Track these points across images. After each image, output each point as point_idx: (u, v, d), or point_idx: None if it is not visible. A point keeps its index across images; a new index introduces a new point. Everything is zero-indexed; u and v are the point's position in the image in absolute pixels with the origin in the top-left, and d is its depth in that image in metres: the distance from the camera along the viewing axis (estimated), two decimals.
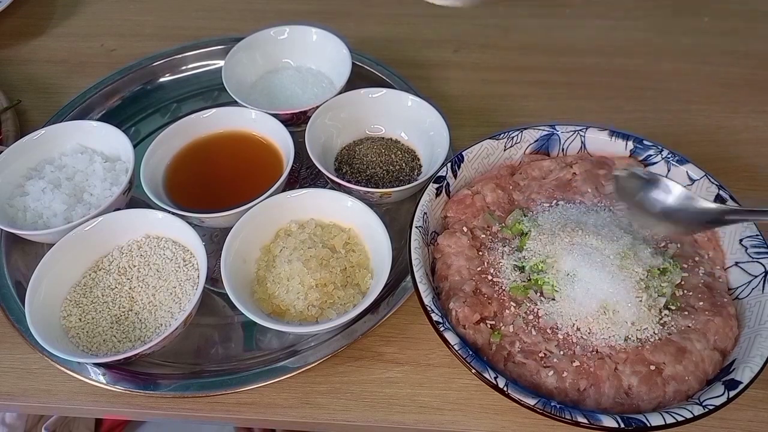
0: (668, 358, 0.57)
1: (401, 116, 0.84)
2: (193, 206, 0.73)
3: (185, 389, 0.65)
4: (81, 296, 0.70)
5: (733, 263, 0.65)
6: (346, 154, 0.83)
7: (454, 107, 0.89)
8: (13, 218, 0.76)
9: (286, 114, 0.82)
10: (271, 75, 0.93)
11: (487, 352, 0.59)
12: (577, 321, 0.59)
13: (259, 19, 1.03)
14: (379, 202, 0.76)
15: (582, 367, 0.57)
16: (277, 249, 0.71)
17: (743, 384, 0.54)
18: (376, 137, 0.85)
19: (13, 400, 0.68)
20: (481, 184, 0.71)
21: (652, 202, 0.62)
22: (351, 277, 0.70)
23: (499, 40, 1.05)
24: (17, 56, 1.06)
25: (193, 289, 0.70)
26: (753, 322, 0.59)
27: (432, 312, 0.59)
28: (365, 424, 0.65)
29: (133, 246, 0.73)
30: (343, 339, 0.67)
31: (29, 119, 0.94)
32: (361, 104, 0.84)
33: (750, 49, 1.01)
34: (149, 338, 0.66)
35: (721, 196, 0.66)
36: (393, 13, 1.11)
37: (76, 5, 1.16)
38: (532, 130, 0.73)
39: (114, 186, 0.77)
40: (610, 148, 0.73)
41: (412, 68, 0.97)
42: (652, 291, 0.60)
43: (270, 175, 0.76)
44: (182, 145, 0.83)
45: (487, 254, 0.65)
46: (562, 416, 0.52)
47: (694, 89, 0.95)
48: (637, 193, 0.63)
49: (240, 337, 0.71)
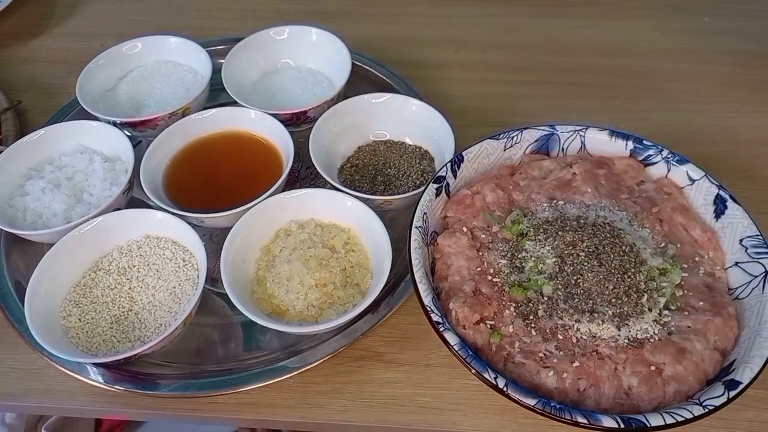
0: (668, 358, 0.57)
1: (405, 120, 0.84)
2: (193, 206, 0.73)
3: (185, 389, 0.65)
4: (81, 296, 0.70)
5: (733, 263, 0.65)
6: (355, 159, 0.83)
7: (455, 107, 0.89)
8: (13, 218, 0.76)
9: (286, 114, 0.82)
10: (271, 75, 0.93)
11: (486, 353, 0.59)
12: (577, 321, 0.59)
13: (259, 19, 1.03)
14: (380, 209, 0.76)
15: (582, 367, 0.57)
16: (277, 249, 0.71)
17: (743, 384, 0.54)
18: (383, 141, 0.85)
19: (13, 400, 0.68)
20: (481, 184, 0.71)
21: None
22: (351, 277, 0.70)
23: (499, 40, 1.05)
24: (17, 56, 1.06)
25: (192, 289, 0.70)
26: (753, 323, 0.59)
27: (432, 312, 0.59)
28: (365, 424, 0.65)
29: (133, 246, 0.73)
30: (343, 339, 0.67)
31: (29, 119, 0.95)
32: (365, 109, 0.84)
33: (750, 49, 1.01)
34: (149, 338, 0.66)
35: (721, 196, 0.66)
36: (393, 13, 1.11)
37: (76, 5, 1.16)
38: (532, 130, 0.73)
39: (114, 186, 0.77)
40: (610, 148, 0.73)
41: (412, 68, 0.97)
42: (652, 291, 0.59)
43: (270, 175, 0.76)
44: (182, 145, 0.83)
45: (486, 254, 0.65)
46: (562, 416, 0.52)
47: (694, 89, 0.95)
48: None
49: (240, 337, 0.71)
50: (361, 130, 0.84)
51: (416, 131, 0.84)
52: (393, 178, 0.79)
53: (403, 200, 0.74)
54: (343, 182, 0.79)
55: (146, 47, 0.94)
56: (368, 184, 0.79)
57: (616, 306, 0.58)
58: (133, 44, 0.93)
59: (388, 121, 0.84)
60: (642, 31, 1.05)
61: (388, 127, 0.85)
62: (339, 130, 0.83)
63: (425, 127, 0.82)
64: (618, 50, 1.02)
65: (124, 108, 0.88)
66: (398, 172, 0.80)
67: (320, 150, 0.79)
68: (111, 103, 0.89)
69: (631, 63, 1.00)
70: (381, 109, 0.84)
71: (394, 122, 0.84)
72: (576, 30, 1.06)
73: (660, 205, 0.68)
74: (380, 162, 0.81)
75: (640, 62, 1.00)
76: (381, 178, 0.80)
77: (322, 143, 0.80)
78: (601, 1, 1.12)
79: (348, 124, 0.83)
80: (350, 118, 0.83)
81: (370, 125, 0.85)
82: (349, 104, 0.83)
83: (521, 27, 1.07)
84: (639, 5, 1.10)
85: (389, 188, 0.79)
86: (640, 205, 0.68)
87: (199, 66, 0.92)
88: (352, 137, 0.84)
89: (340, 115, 0.83)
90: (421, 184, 0.78)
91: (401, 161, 0.81)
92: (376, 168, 0.81)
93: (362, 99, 0.84)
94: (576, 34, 1.05)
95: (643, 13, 1.09)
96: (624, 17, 1.08)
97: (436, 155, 0.82)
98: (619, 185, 0.70)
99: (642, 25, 1.07)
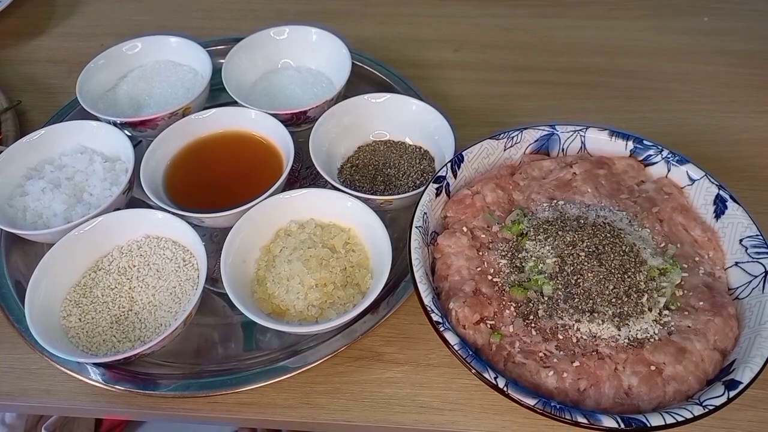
0: (668, 358, 0.57)
1: (405, 120, 0.84)
2: (193, 206, 0.73)
3: (185, 389, 0.65)
4: (81, 296, 0.70)
5: (733, 263, 0.65)
6: (355, 159, 0.83)
7: (455, 107, 0.89)
8: (13, 218, 0.75)
9: (286, 114, 0.82)
10: (271, 75, 0.93)
11: (487, 352, 0.59)
12: (577, 321, 0.59)
13: (259, 19, 1.03)
14: (380, 209, 0.76)
15: (582, 367, 0.57)
16: (277, 249, 0.71)
17: (743, 384, 0.54)
18: (383, 141, 0.84)
19: (13, 400, 0.68)
20: (481, 184, 0.71)
21: None
22: (351, 277, 0.70)
23: (499, 40, 1.05)
24: (17, 56, 1.06)
25: (193, 289, 0.70)
26: (753, 322, 0.59)
27: (432, 312, 0.59)
28: (365, 424, 0.65)
29: (133, 246, 0.73)
30: (343, 339, 0.67)
31: (29, 119, 0.95)
32: (365, 109, 0.84)
33: (750, 49, 1.01)
34: (149, 338, 0.66)
35: (721, 196, 0.66)
36: (393, 13, 1.11)
37: (76, 5, 1.16)
38: (532, 130, 0.73)
39: (114, 186, 0.77)
40: (610, 148, 0.73)
41: (412, 68, 0.97)
42: (652, 291, 0.59)
43: (270, 175, 0.76)
44: (182, 145, 0.83)
45: (487, 254, 0.65)
46: (562, 416, 0.52)
47: (694, 89, 0.95)
48: None
49: (240, 337, 0.71)
50: (361, 130, 0.84)
51: (416, 131, 0.84)
52: (393, 178, 0.79)
53: (403, 200, 0.74)
54: (343, 182, 0.79)
55: (146, 47, 0.94)
56: (368, 184, 0.79)
57: (616, 306, 0.58)
58: (133, 44, 0.93)
59: (388, 121, 0.84)
60: (642, 31, 1.05)
61: (388, 127, 0.85)
62: (339, 130, 0.83)
63: (425, 127, 0.82)
64: (617, 50, 1.02)
65: (124, 108, 0.88)
66: (398, 172, 0.80)
67: (320, 150, 0.79)
68: (111, 103, 0.89)
69: (631, 63, 1.00)
70: (381, 109, 0.84)
71: (394, 122, 0.84)
72: (576, 30, 1.06)
73: (660, 205, 0.68)
74: (380, 162, 0.81)
75: (639, 62, 1.00)
76: (381, 178, 0.80)
77: (322, 143, 0.80)
78: (600, 1, 1.12)
79: (348, 124, 0.83)
80: (350, 118, 0.83)
81: (370, 125, 0.85)
82: (349, 104, 0.83)
83: (521, 27, 1.07)
84: (639, 5, 1.11)
85: (389, 188, 0.79)
86: (640, 205, 0.68)
87: (199, 66, 0.92)
88: (352, 137, 0.84)
89: (340, 115, 0.82)
90: (421, 184, 0.78)
91: (401, 161, 0.81)
92: (376, 168, 0.81)
93: (362, 99, 0.84)
94: (576, 34, 1.05)
95: (643, 13, 1.09)
96: (624, 17, 1.08)
97: (436, 155, 0.82)
98: (619, 185, 0.70)
99: (642, 25, 1.07)
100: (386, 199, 0.74)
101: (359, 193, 0.74)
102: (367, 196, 0.73)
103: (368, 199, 0.73)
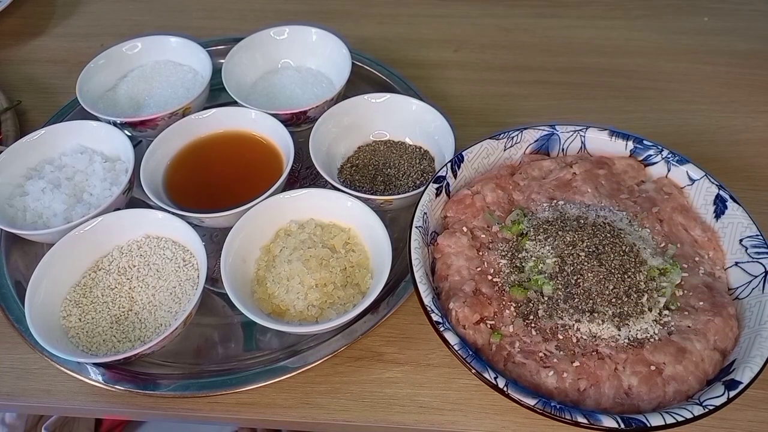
0: (668, 358, 0.57)
1: (405, 120, 0.84)
2: (193, 206, 0.73)
3: (185, 389, 0.65)
4: (81, 296, 0.70)
5: (733, 263, 0.65)
6: (355, 159, 0.83)
7: (454, 107, 0.89)
8: (13, 218, 0.75)
9: (286, 114, 0.82)
10: (271, 75, 0.93)
11: (487, 353, 0.59)
12: (577, 321, 0.59)
13: (259, 19, 1.03)
14: (380, 209, 0.76)
15: (582, 367, 0.57)
16: (277, 249, 0.71)
17: (743, 384, 0.54)
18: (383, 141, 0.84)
19: (13, 400, 0.68)
20: (481, 184, 0.71)
21: None
22: (351, 277, 0.70)
23: (498, 40, 1.05)
24: (17, 56, 1.06)
25: (193, 289, 0.70)
26: (753, 322, 0.59)
27: (432, 312, 0.59)
28: (365, 425, 0.65)
29: (133, 246, 0.73)
30: (343, 339, 0.67)
31: (29, 119, 0.95)
32: (365, 109, 0.84)
33: (750, 49, 1.01)
34: (149, 338, 0.66)
35: (721, 195, 0.66)
36: (393, 13, 1.11)
37: (76, 5, 1.16)
38: (532, 130, 0.73)
39: (114, 186, 0.77)
40: (610, 148, 0.73)
41: (412, 68, 0.97)
42: (652, 291, 0.60)
43: (270, 175, 0.76)
44: (182, 145, 0.83)
45: (487, 254, 0.65)
46: (562, 416, 0.52)
47: (694, 89, 0.95)
48: None
49: (240, 337, 0.71)
50: (361, 130, 0.84)
51: (416, 131, 0.84)
52: (393, 178, 0.79)
53: (403, 200, 0.74)
54: (343, 182, 0.79)
55: (146, 47, 0.94)
56: (368, 184, 0.79)
57: (616, 306, 0.58)
58: (133, 44, 0.93)
59: (388, 121, 0.84)
60: (642, 31, 1.05)
61: (388, 127, 0.85)
62: (339, 130, 0.83)
63: (425, 127, 0.82)
64: (617, 50, 1.02)
65: (124, 108, 0.88)
66: (398, 172, 0.80)
67: (320, 150, 0.79)
68: (111, 103, 0.89)
69: (631, 63, 1.00)
70: (381, 109, 0.84)
71: (394, 122, 0.84)
72: (576, 30, 1.06)
73: (660, 205, 0.68)
74: (380, 162, 0.81)
75: (639, 62, 1.00)
76: (381, 178, 0.80)
77: (322, 143, 0.80)
78: (600, 1, 1.12)
79: (348, 124, 0.83)
80: (350, 118, 0.83)
81: (370, 125, 0.85)
82: (349, 104, 0.83)
83: (521, 27, 1.07)
84: (639, 5, 1.11)
85: (389, 188, 0.79)
86: (640, 205, 0.68)
87: (199, 66, 0.92)
88: (352, 137, 0.84)
89: (340, 115, 0.82)
90: (421, 184, 0.78)
91: (401, 161, 0.81)
92: (376, 168, 0.81)
93: (362, 99, 0.84)
94: (576, 34, 1.05)
95: (643, 13, 1.09)
96: (623, 17, 1.08)
97: (436, 155, 0.82)
98: (619, 185, 0.70)
99: (642, 25, 1.07)
100: (386, 199, 0.74)
101: (359, 193, 0.74)
102: (367, 196, 0.73)
103: (368, 199, 0.73)
